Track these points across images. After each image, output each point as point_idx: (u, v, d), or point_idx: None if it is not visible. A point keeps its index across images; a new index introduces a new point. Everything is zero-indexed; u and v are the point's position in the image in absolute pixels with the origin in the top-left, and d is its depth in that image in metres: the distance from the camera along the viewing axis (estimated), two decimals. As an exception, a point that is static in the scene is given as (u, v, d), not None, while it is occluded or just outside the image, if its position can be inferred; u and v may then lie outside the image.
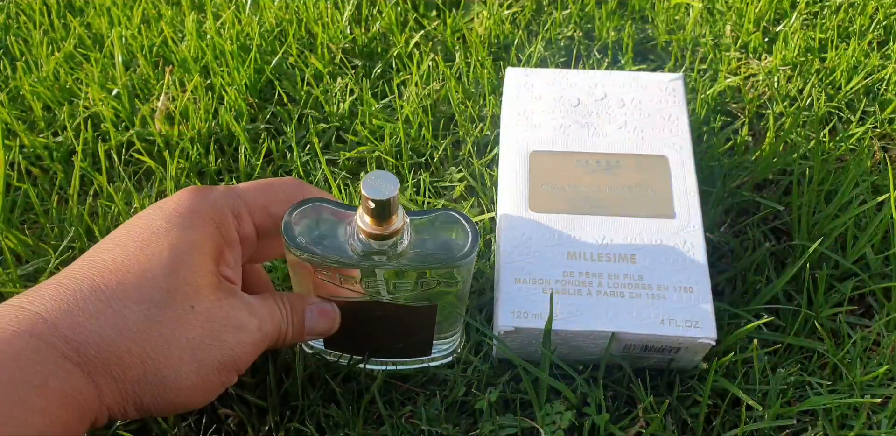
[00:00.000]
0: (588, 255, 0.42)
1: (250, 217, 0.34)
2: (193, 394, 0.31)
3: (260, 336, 0.33)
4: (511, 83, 0.50)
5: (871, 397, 0.41)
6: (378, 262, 0.33)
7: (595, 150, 0.46)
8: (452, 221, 0.34)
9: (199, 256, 0.31)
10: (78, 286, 0.29)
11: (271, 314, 0.34)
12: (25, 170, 0.54)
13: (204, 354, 0.30)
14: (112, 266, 0.30)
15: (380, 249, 0.33)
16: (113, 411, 0.30)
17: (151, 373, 0.29)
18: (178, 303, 0.30)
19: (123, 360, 0.29)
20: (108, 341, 0.28)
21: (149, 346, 0.29)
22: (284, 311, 0.35)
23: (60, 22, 0.64)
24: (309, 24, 0.63)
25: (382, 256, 0.33)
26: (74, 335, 0.28)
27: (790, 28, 0.63)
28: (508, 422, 0.40)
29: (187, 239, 0.31)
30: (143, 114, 0.55)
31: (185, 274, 0.30)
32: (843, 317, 0.45)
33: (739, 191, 0.51)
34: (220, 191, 0.34)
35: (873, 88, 0.59)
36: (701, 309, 0.40)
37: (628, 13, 0.66)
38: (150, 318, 0.29)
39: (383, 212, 0.31)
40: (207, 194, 0.33)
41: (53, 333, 0.28)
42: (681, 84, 0.50)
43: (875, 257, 0.47)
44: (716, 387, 0.41)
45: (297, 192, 0.35)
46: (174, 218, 0.32)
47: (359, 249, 0.33)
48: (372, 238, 0.32)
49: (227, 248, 0.33)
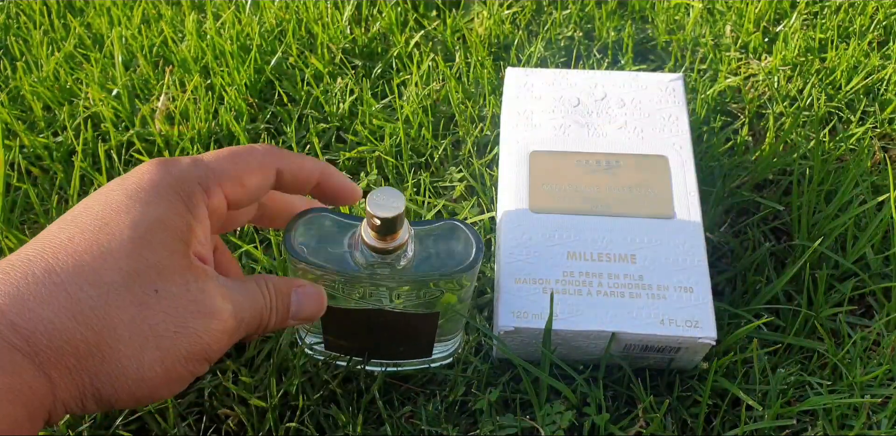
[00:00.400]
0: (588, 255, 0.42)
1: (220, 189, 0.31)
2: (158, 385, 0.28)
3: (234, 324, 0.30)
4: (511, 83, 0.50)
5: (871, 397, 0.41)
6: (381, 274, 0.33)
7: (595, 150, 0.46)
8: (457, 232, 0.34)
9: (163, 234, 0.28)
10: (30, 269, 0.27)
11: (252, 299, 0.31)
12: (25, 170, 0.54)
13: (169, 342, 0.28)
14: (69, 246, 0.27)
15: (383, 262, 0.33)
16: (69, 406, 0.27)
17: (110, 363, 0.27)
18: (140, 286, 0.27)
19: (78, 349, 0.26)
20: (60, 328, 0.26)
21: (106, 333, 0.26)
22: (268, 295, 0.32)
23: (60, 22, 0.64)
24: (309, 24, 0.63)
25: (386, 268, 0.33)
26: (23, 322, 0.25)
27: (790, 28, 0.63)
28: (508, 422, 0.40)
29: (151, 216, 0.28)
30: (144, 114, 0.55)
31: (147, 254, 0.28)
32: (843, 317, 0.45)
33: (739, 191, 0.51)
34: (186, 162, 0.31)
35: (873, 88, 0.59)
36: (701, 309, 0.40)
37: (628, 13, 0.66)
38: (109, 302, 0.27)
39: (388, 228, 0.31)
40: (172, 167, 0.30)
41: (1, 320, 0.25)
42: (681, 84, 0.50)
43: (875, 257, 0.47)
44: (716, 387, 0.41)
45: (267, 159, 0.32)
46: (137, 193, 0.29)
47: (362, 262, 0.33)
48: (376, 252, 0.32)
49: (197, 224, 0.30)
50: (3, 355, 0.25)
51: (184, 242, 0.29)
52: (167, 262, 0.28)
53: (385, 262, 0.33)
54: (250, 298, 0.31)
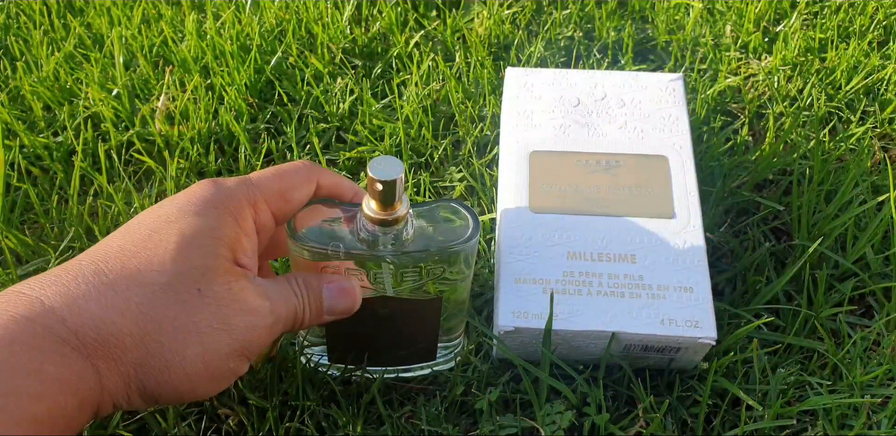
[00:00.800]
0: (588, 255, 0.42)
1: (267, 205, 0.33)
2: (200, 381, 0.29)
3: (272, 320, 0.31)
4: (511, 83, 0.50)
5: (871, 397, 0.41)
6: (384, 250, 0.34)
7: (595, 150, 0.46)
8: (453, 210, 0.36)
9: (209, 240, 0.30)
10: (81, 272, 0.29)
11: (285, 297, 0.32)
12: (25, 170, 0.54)
13: (211, 338, 0.29)
14: (119, 253, 0.29)
15: (385, 237, 0.34)
16: (117, 399, 0.29)
17: (154, 356, 0.28)
18: (184, 286, 0.29)
19: (124, 342, 0.28)
20: (108, 323, 0.27)
21: (151, 328, 0.28)
22: (300, 292, 0.33)
23: (60, 22, 0.64)
24: (309, 24, 0.63)
25: (388, 245, 0.34)
26: (73, 318, 0.27)
27: (790, 28, 0.63)
28: (508, 422, 0.40)
29: (199, 224, 0.30)
30: (144, 114, 0.55)
31: (192, 257, 0.29)
32: (843, 317, 0.45)
33: (739, 191, 0.51)
34: (234, 181, 0.33)
35: (873, 88, 0.59)
36: (701, 309, 0.40)
37: (628, 13, 0.66)
38: (154, 300, 0.28)
39: (389, 194, 0.31)
40: (222, 184, 0.32)
41: (51, 316, 0.27)
42: (681, 84, 0.50)
43: (875, 257, 0.47)
44: (716, 387, 0.41)
45: (310, 174, 0.34)
46: (187, 206, 0.31)
47: (366, 237, 0.34)
48: (378, 224, 0.33)
49: (244, 236, 0.32)
50: (52, 347, 0.26)
51: (229, 249, 0.31)
52: (211, 264, 0.30)
53: (387, 237, 0.33)
54: (284, 295, 0.33)
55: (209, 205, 0.31)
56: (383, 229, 0.33)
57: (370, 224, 0.33)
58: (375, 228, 0.33)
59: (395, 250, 0.34)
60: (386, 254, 0.34)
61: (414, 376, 0.42)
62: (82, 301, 0.27)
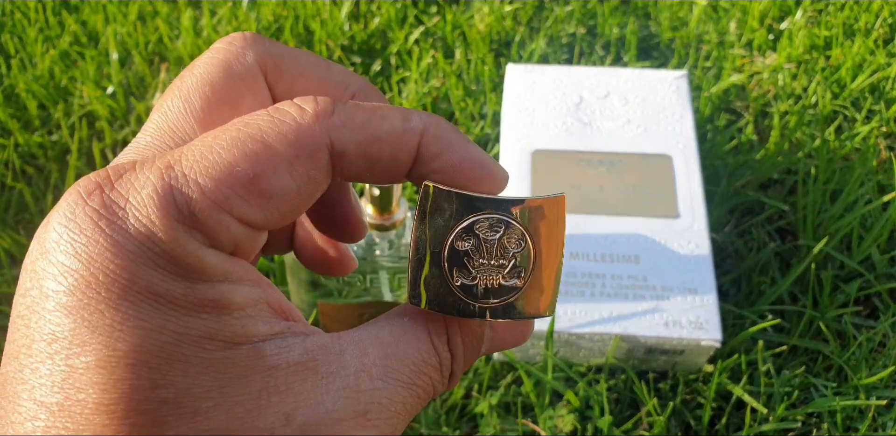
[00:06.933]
0: (591, 255, 0.41)
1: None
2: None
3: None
4: (512, 80, 0.50)
5: (876, 399, 0.40)
6: (381, 256, 0.33)
7: (598, 148, 0.46)
8: None
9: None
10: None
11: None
12: (20, 169, 0.53)
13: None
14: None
15: (382, 242, 0.33)
16: None
17: None
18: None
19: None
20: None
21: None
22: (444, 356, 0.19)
23: (56, 19, 0.63)
24: (307, 20, 0.62)
25: (385, 250, 0.33)
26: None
27: (795, 25, 0.62)
28: (510, 425, 0.39)
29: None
30: (139, 112, 0.55)
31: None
32: (848, 318, 0.44)
33: (744, 190, 0.51)
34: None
35: (879, 86, 0.58)
36: (706, 310, 0.39)
37: (631, 10, 0.65)
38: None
39: (385, 199, 0.31)
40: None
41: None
42: (685, 82, 0.49)
43: (881, 257, 0.47)
44: (720, 389, 0.41)
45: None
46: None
47: (362, 242, 0.33)
48: (374, 229, 0.32)
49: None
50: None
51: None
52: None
53: (384, 242, 0.33)
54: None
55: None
56: (380, 234, 0.33)
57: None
58: (372, 232, 0.33)
59: (392, 255, 0.34)
60: (382, 259, 0.34)
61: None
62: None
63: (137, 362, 0.15)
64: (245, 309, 0.16)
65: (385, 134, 0.17)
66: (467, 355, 0.19)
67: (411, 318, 0.18)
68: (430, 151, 0.18)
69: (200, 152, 0.16)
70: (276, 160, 0.16)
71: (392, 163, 0.18)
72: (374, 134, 0.17)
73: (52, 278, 0.15)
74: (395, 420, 0.17)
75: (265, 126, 0.17)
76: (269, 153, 0.16)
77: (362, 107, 0.18)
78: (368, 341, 0.18)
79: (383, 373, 0.17)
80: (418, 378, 0.18)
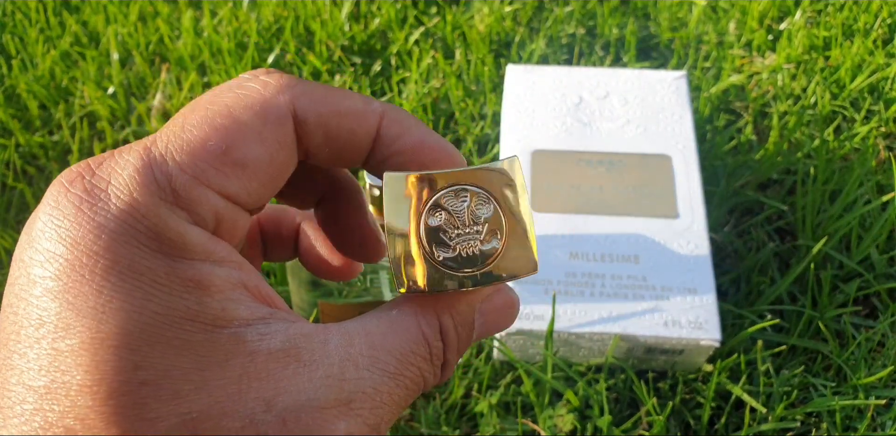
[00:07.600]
0: (591, 255, 0.41)
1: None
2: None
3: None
4: (512, 81, 0.50)
5: (875, 398, 0.40)
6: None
7: (597, 149, 0.46)
8: None
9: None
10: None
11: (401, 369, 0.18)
12: (21, 169, 0.53)
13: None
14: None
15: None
16: None
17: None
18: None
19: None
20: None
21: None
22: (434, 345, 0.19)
23: (56, 19, 0.63)
24: (307, 20, 0.62)
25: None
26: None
27: (794, 26, 0.62)
28: (509, 425, 0.39)
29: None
30: (140, 112, 0.55)
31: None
32: (847, 318, 0.44)
33: (743, 190, 0.51)
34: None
35: (878, 87, 0.59)
36: (705, 310, 0.39)
37: (631, 10, 0.65)
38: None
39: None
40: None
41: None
42: (684, 82, 0.49)
43: (880, 257, 0.47)
44: (719, 389, 0.41)
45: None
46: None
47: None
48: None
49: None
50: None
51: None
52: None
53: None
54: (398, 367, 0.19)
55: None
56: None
57: None
58: None
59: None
60: (382, 259, 0.34)
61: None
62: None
63: (120, 344, 0.15)
64: (225, 292, 0.16)
65: (346, 109, 0.18)
66: (460, 344, 0.20)
67: (400, 309, 0.19)
68: (391, 132, 0.19)
69: (173, 132, 0.17)
70: (245, 131, 0.17)
71: (351, 138, 0.18)
72: (335, 109, 0.18)
73: (38, 265, 0.16)
74: (381, 410, 0.17)
75: (231, 102, 0.17)
76: (237, 125, 0.17)
77: (325, 85, 0.19)
78: (356, 332, 0.18)
79: (369, 363, 0.17)
80: (406, 369, 0.18)
